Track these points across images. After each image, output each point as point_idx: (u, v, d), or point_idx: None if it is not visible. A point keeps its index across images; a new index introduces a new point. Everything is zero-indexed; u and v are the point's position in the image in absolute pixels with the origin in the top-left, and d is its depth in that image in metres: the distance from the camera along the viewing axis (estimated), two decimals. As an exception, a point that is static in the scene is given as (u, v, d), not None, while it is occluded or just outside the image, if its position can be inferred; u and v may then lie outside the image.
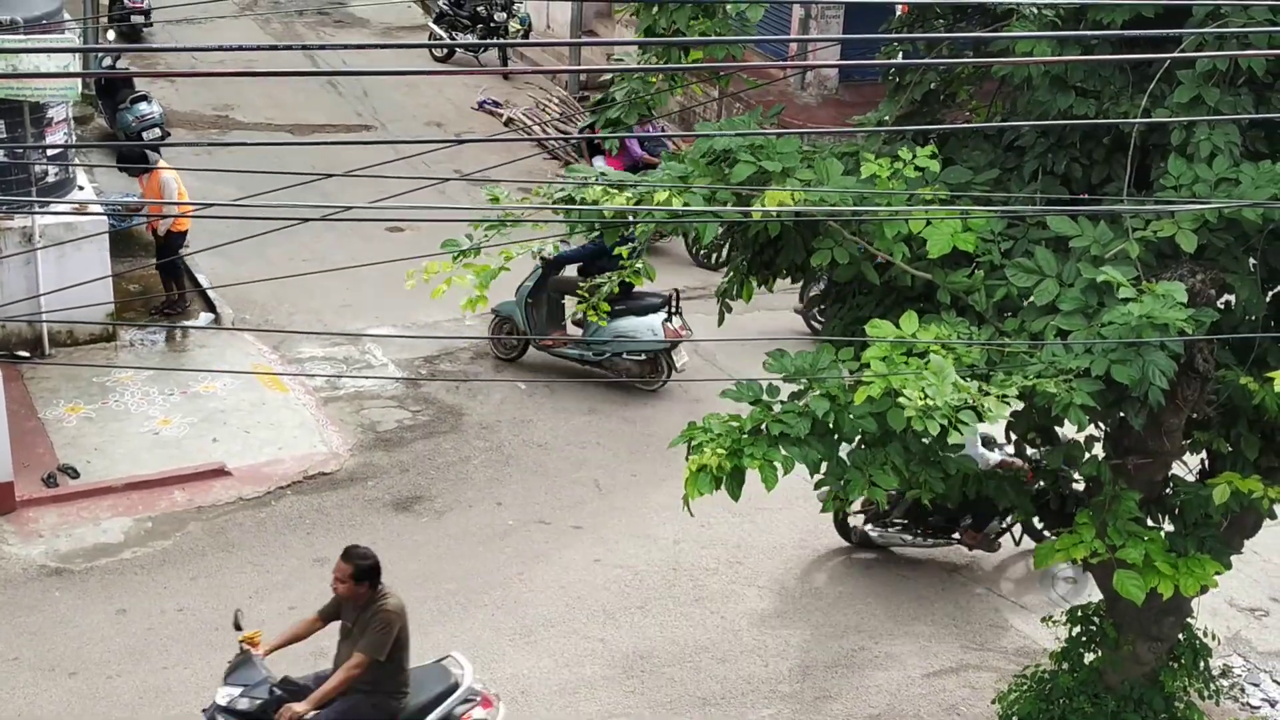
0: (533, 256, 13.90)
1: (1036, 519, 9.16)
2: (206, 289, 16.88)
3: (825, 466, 7.24)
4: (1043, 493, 9.23)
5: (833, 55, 18.64)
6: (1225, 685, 10.94)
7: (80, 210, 15.24)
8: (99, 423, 14.21)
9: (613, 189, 7.32)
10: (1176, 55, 7.09)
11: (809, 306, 16.21)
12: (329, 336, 15.99)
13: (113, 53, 20.05)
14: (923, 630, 12.14)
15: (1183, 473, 8.90)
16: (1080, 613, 9.79)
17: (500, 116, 23.01)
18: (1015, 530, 12.65)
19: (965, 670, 11.68)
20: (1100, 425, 8.41)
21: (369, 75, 25.71)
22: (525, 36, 24.53)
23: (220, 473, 13.67)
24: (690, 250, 17.51)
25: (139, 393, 14.78)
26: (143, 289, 16.78)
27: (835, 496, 7.32)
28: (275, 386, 15.11)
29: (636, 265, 8.25)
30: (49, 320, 14.75)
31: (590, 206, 7.33)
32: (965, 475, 8.21)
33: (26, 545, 12.50)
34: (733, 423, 7.21)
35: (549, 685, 11.21)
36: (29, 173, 15.14)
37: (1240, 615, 12.54)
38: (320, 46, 4.98)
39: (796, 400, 7.28)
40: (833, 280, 8.40)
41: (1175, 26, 7.19)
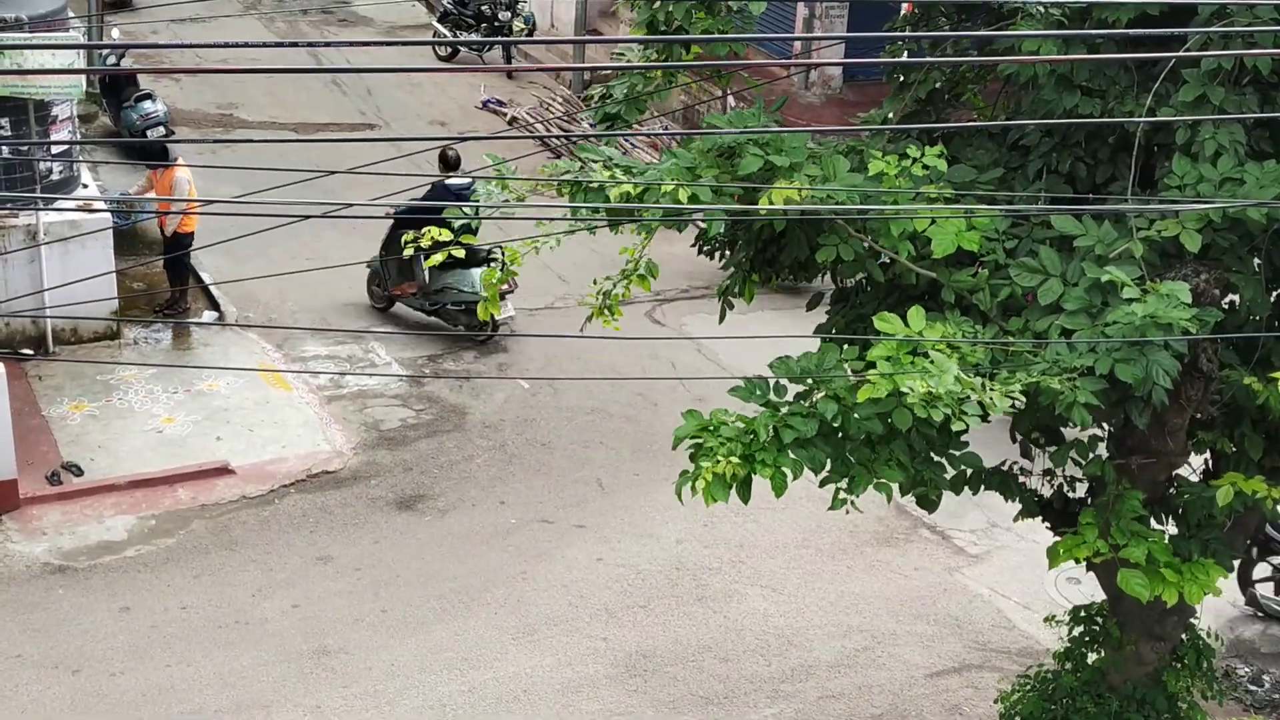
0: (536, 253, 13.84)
1: (1040, 519, 9.12)
2: (210, 286, 16.88)
3: (831, 465, 7.24)
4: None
5: (837, 55, 18.61)
6: (1228, 686, 10.93)
7: (85, 208, 15.25)
8: (103, 420, 14.22)
9: (621, 176, 7.25)
10: (1182, 54, 7.08)
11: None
12: (332, 334, 15.99)
13: (117, 50, 20.05)
14: (925, 630, 12.14)
15: (1186, 473, 8.88)
16: (1083, 613, 9.78)
17: (504, 115, 23.01)
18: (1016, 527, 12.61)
19: (968, 670, 11.68)
20: (1104, 425, 8.39)
21: (373, 73, 25.75)
22: (529, 35, 24.50)
23: (224, 471, 13.68)
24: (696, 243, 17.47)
25: (143, 391, 14.79)
26: (147, 286, 16.79)
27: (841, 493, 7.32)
28: (279, 385, 15.12)
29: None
30: (53, 317, 14.76)
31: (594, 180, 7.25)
32: (974, 473, 8.18)
33: (30, 543, 12.51)
34: (739, 423, 7.19)
35: (551, 684, 11.22)
36: (33, 170, 15.16)
37: (1244, 616, 12.53)
38: (324, 44, 4.97)
39: (802, 401, 7.26)
40: (836, 278, 8.39)
41: (1180, 25, 7.18)
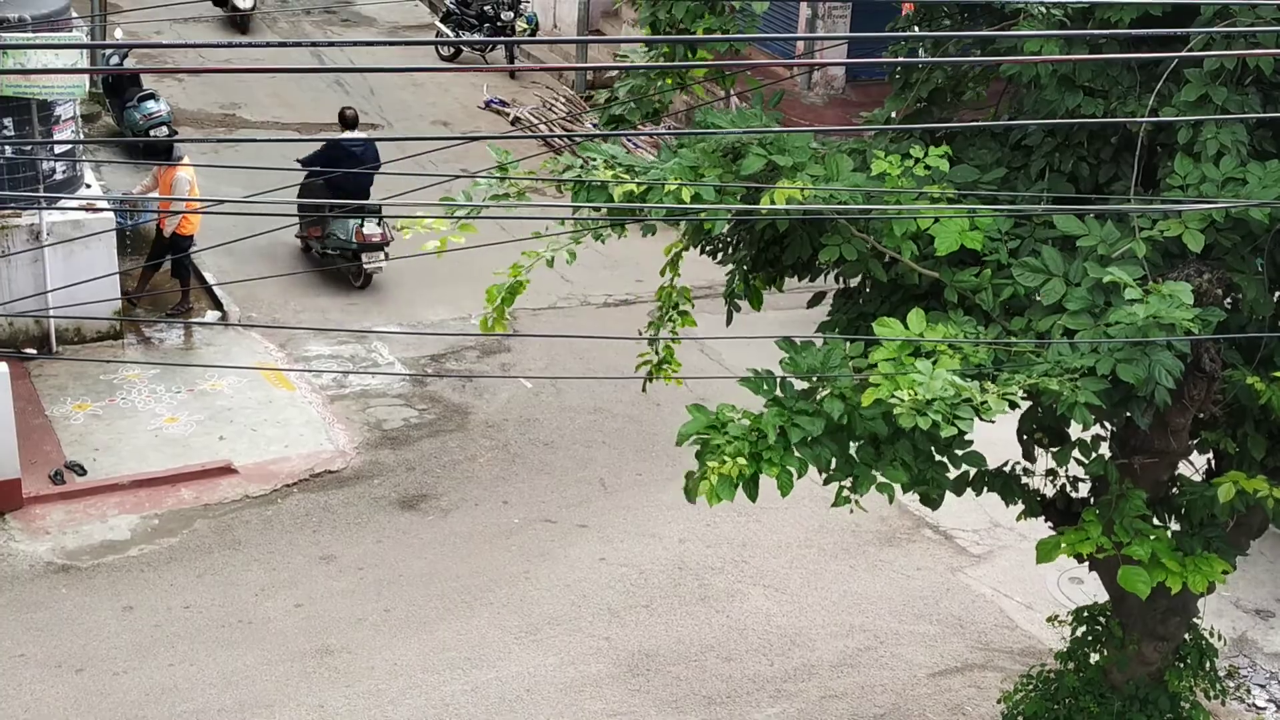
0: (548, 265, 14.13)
1: (1043, 518, 9.12)
2: (213, 286, 16.89)
3: (835, 464, 7.24)
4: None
5: (840, 55, 18.60)
6: (1231, 686, 10.93)
7: (88, 208, 15.26)
8: (106, 420, 14.24)
9: (623, 174, 7.24)
10: (1184, 55, 7.08)
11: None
12: (335, 334, 16.01)
13: (120, 50, 20.05)
14: (928, 630, 12.14)
15: (1189, 473, 8.89)
16: (1086, 612, 9.78)
17: (506, 115, 23.02)
18: (1019, 527, 12.62)
19: (971, 670, 11.68)
20: (1106, 425, 8.39)
21: (376, 73, 25.75)
22: (532, 35, 24.49)
23: (227, 470, 13.69)
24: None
25: (146, 390, 14.80)
26: (150, 287, 16.78)
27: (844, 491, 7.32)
28: (282, 384, 15.13)
29: None
30: (56, 317, 14.78)
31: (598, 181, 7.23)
32: (976, 474, 8.18)
33: (33, 542, 12.53)
34: (745, 421, 7.19)
35: (554, 683, 11.22)
36: (37, 170, 15.18)
37: (1246, 616, 12.53)
38: (327, 44, 4.98)
39: (808, 398, 7.26)
40: (839, 278, 8.39)
41: (1183, 25, 7.18)
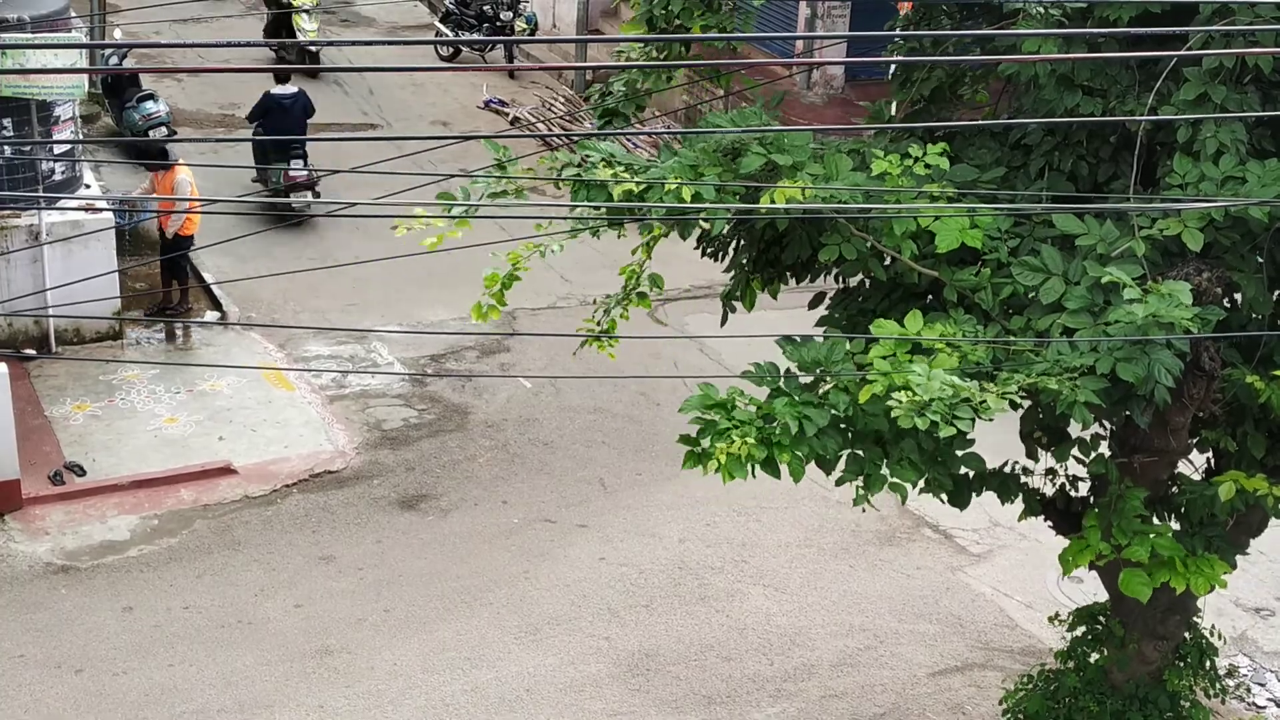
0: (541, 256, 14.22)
1: (1043, 518, 9.12)
2: (212, 286, 16.89)
3: (843, 461, 7.23)
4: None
5: (839, 54, 18.59)
6: (1231, 685, 10.92)
7: (87, 208, 15.25)
8: (105, 420, 14.23)
9: (623, 173, 7.22)
10: (1183, 53, 7.07)
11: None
12: (335, 334, 16.00)
13: (119, 50, 20.05)
14: (928, 629, 12.13)
15: (1188, 471, 8.88)
16: (1086, 612, 9.78)
17: (506, 115, 23.01)
18: (1019, 526, 12.62)
19: (971, 669, 11.68)
20: (1106, 424, 8.39)
21: (375, 73, 25.74)
22: (531, 35, 24.47)
23: (226, 471, 13.68)
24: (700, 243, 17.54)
25: (145, 391, 14.80)
26: (149, 286, 16.80)
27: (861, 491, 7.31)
28: (281, 384, 15.12)
29: None
30: (55, 317, 14.77)
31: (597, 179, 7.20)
32: (975, 476, 8.17)
33: (33, 543, 12.52)
34: (752, 406, 7.16)
35: (554, 683, 11.22)
36: (36, 170, 15.17)
37: (1246, 615, 12.53)
38: (327, 44, 4.98)
39: (811, 391, 7.24)
40: (839, 277, 8.38)
41: (1182, 24, 7.18)
